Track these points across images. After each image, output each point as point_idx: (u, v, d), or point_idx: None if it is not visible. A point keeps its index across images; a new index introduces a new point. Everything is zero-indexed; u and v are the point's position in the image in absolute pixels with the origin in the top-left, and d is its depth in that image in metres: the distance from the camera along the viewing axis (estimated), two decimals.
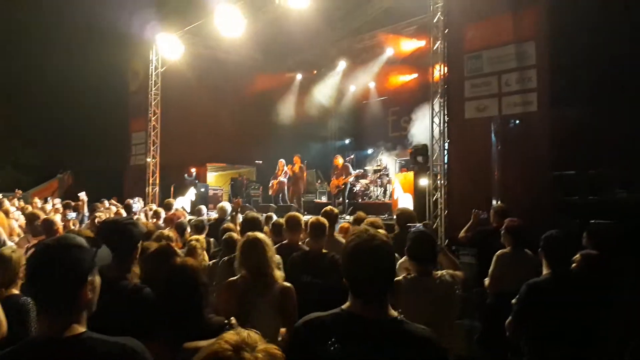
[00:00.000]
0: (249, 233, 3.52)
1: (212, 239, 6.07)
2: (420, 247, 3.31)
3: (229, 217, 7.39)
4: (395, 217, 5.55)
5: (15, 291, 2.98)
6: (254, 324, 2.89)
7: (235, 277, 3.40)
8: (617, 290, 3.44)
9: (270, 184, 14.44)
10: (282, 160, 14.27)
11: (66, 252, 1.69)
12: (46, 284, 1.65)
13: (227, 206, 7.93)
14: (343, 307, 1.90)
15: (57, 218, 6.13)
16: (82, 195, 9.75)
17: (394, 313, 1.86)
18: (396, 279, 3.28)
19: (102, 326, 1.88)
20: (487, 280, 4.92)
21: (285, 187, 14.21)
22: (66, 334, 1.64)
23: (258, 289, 3.24)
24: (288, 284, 3.37)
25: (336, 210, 6.01)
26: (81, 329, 1.68)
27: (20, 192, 11.69)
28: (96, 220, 7.49)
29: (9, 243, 4.21)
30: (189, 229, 6.25)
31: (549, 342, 3.26)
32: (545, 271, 3.47)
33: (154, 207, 10.47)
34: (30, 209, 8.86)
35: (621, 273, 3.76)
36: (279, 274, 3.35)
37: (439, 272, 3.34)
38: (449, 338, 3.31)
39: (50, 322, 1.66)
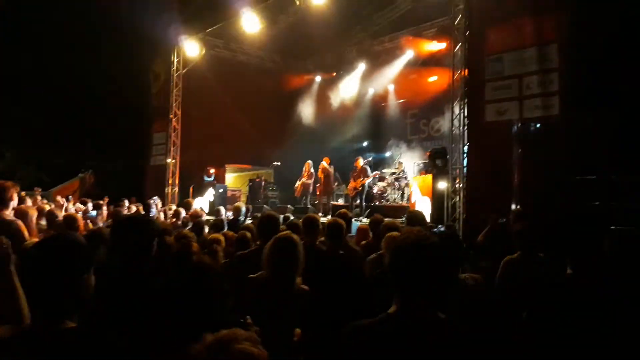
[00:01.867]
0: (284, 232, 3.51)
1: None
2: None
3: (243, 217, 7.44)
4: (405, 219, 5.50)
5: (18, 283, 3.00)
6: (269, 323, 2.91)
7: (256, 274, 3.40)
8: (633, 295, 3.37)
9: (295, 185, 14.41)
10: (310, 162, 14.18)
11: (63, 250, 1.71)
12: (39, 281, 1.68)
13: (242, 206, 7.99)
14: (389, 311, 1.82)
15: (80, 216, 6.20)
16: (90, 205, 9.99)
17: (441, 314, 1.79)
18: None
19: (117, 323, 1.90)
20: None
21: (310, 189, 14.15)
22: (57, 327, 1.66)
23: (276, 289, 3.25)
24: (306, 287, 3.36)
25: (350, 213, 6.01)
26: (72, 324, 1.70)
27: (39, 190, 11.87)
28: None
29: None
30: (206, 229, 6.29)
31: (563, 342, 3.21)
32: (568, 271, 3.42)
33: (174, 207, 10.57)
34: (52, 207, 8.99)
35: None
36: (299, 278, 3.34)
37: (462, 275, 3.29)
38: None
39: (43, 316, 1.68)
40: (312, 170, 13.99)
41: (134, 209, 10.29)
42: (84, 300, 1.77)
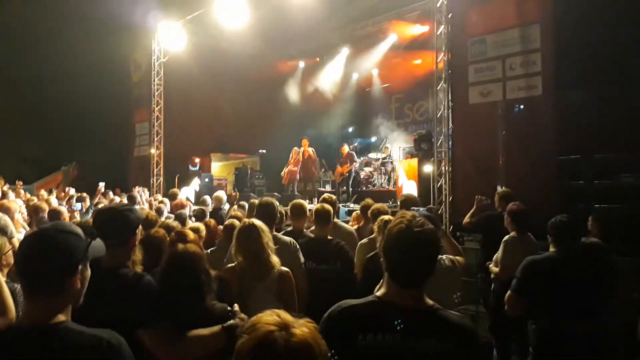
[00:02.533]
0: (245, 220, 3.53)
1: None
2: None
3: (227, 205, 7.42)
4: (398, 203, 5.55)
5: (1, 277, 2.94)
6: (252, 309, 2.91)
7: (233, 264, 3.41)
8: (617, 271, 3.43)
9: (282, 173, 14.34)
10: (296, 148, 13.99)
11: (60, 238, 1.66)
12: (36, 268, 1.63)
13: (223, 195, 7.99)
14: (377, 294, 1.85)
15: (64, 209, 6.13)
16: (101, 185, 9.84)
17: (429, 301, 1.83)
18: None
19: (102, 315, 1.86)
20: (492, 266, 4.91)
21: (297, 176, 14.08)
22: (46, 321, 1.61)
23: (255, 275, 3.26)
24: (285, 269, 3.37)
25: (334, 197, 6.05)
26: (62, 317, 1.65)
27: (20, 183, 11.66)
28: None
29: (17, 235, 4.18)
30: (191, 220, 6.25)
31: (549, 317, 3.26)
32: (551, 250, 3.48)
33: (160, 197, 10.48)
34: (35, 201, 8.87)
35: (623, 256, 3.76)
36: (275, 259, 3.35)
37: (438, 256, 3.32)
38: None
39: (34, 308, 1.64)
40: (298, 156, 13.92)
41: (117, 200, 10.19)
42: (78, 292, 1.72)
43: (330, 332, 1.76)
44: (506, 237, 4.71)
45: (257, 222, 3.44)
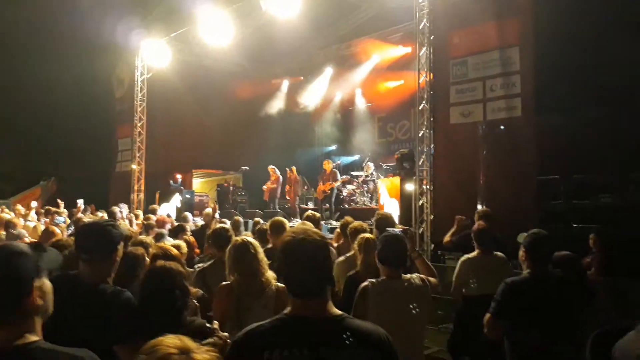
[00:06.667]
0: (237, 237, 3.50)
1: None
2: (390, 250, 3.26)
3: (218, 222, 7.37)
4: (374, 221, 5.49)
5: None
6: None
7: (228, 282, 3.36)
8: (592, 292, 3.46)
9: (264, 187, 14.40)
10: (272, 167, 14.17)
11: (6, 261, 1.64)
12: None
13: (210, 210, 7.93)
14: (284, 311, 1.81)
15: (58, 230, 6.00)
16: (80, 202, 9.81)
17: (337, 311, 1.80)
18: (363, 284, 3.27)
19: (81, 331, 1.84)
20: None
21: (277, 193, 14.13)
22: (14, 343, 1.57)
23: (252, 292, 3.21)
24: (282, 285, 3.32)
25: (318, 215, 5.99)
26: (32, 337, 1.61)
27: None
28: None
29: None
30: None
31: (526, 339, 3.27)
32: (525, 270, 3.47)
33: (140, 213, 10.38)
34: (12, 216, 8.73)
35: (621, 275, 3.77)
36: (271, 274, 3.31)
37: (408, 275, 3.31)
38: (421, 341, 3.31)
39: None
40: (277, 174, 13.99)
41: (101, 215, 10.07)
42: (43, 307, 1.68)
43: (236, 356, 1.74)
44: (463, 257, 4.67)
45: (251, 239, 3.43)
